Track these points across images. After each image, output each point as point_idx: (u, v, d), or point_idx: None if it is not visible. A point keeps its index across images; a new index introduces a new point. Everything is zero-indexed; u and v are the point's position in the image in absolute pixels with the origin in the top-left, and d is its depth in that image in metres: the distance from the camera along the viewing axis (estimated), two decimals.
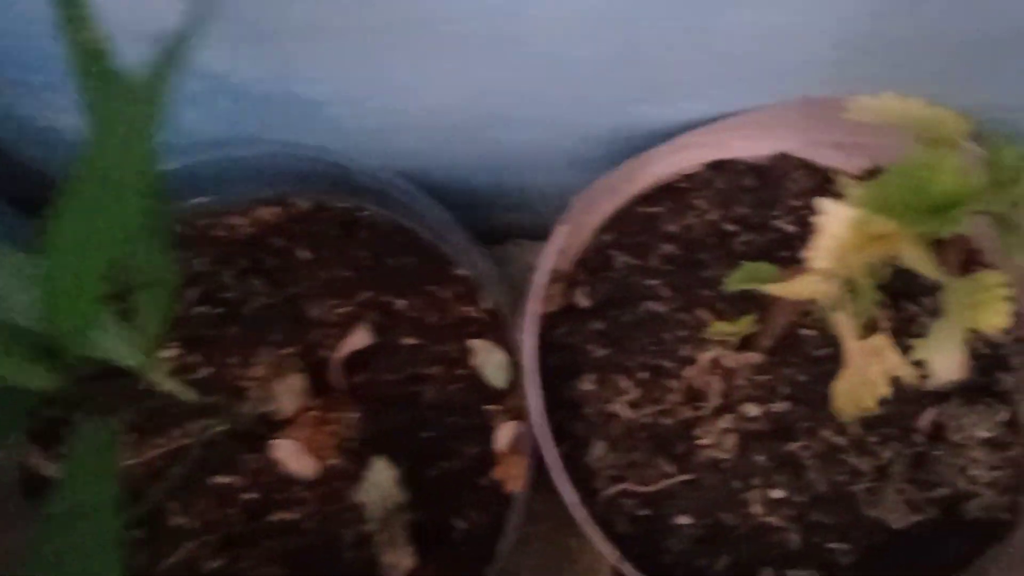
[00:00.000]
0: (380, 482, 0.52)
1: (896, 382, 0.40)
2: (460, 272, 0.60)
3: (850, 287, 0.41)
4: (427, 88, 0.52)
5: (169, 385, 0.46)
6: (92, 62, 0.33)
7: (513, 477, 0.54)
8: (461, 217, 0.59)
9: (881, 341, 0.41)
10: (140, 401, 0.53)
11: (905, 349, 0.39)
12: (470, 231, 0.58)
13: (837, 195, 0.36)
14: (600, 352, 0.55)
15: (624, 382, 0.54)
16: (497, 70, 0.51)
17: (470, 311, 0.59)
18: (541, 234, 0.56)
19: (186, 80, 0.51)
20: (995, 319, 0.36)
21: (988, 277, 0.36)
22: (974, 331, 0.36)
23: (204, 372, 0.56)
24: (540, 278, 0.52)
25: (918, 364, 0.39)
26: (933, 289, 0.51)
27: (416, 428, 0.56)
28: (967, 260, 0.57)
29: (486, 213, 0.71)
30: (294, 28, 0.46)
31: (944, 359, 0.37)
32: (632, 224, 0.59)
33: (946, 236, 0.35)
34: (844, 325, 0.41)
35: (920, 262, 0.37)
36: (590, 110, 0.57)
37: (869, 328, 0.42)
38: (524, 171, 0.65)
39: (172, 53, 0.32)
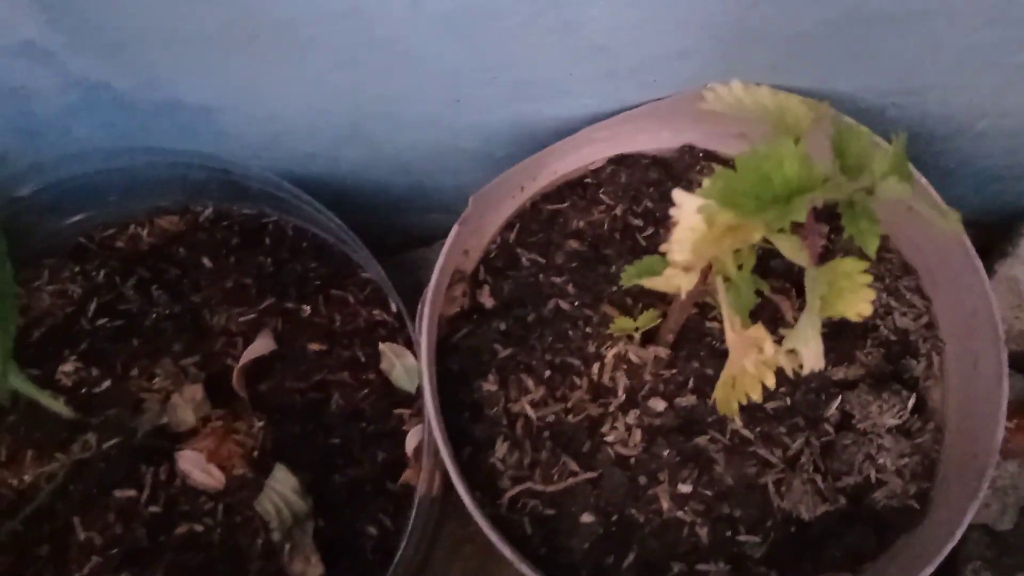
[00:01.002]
0: (282, 491, 0.52)
1: (800, 372, 0.40)
2: (366, 276, 0.60)
3: (726, 278, 0.40)
4: (302, 92, 0.51)
5: (46, 400, 0.45)
6: None
7: (423, 478, 0.54)
8: (382, 221, 0.59)
9: (759, 332, 0.40)
10: (32, 418, 0.52)
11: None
12: (394, 234, 0.58)
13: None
14: (504, 352, 0.54)
15: (528, 381, 0.53)
16: (369, 71, 0.50)
17: (378, 315, 0.59)
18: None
19: (66, 89, 0.50)
20: (858, 307, 0.35)
21: (847, 264, 0.35)
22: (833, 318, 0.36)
23: (104, 385, 0.55)
24: (437, 278, 0.51)
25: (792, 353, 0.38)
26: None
27: (324, 435, 0.55)
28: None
29: (405, 216, 0.70)
30: (161, 36, 0.45)
31: (809, 349, 0.36)
32: (536, 221, 0.58)
33: (802, 222, 0.35)
34: (726, 317, 0.41)
35: (784, 249, 0.36)
36: (478, 109, 0.56)
37: (747, 322, 0.41)
38: (433, 172, 0.64)
39: None
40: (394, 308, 0.58)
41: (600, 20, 0.46)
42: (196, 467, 0.54)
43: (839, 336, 0.54)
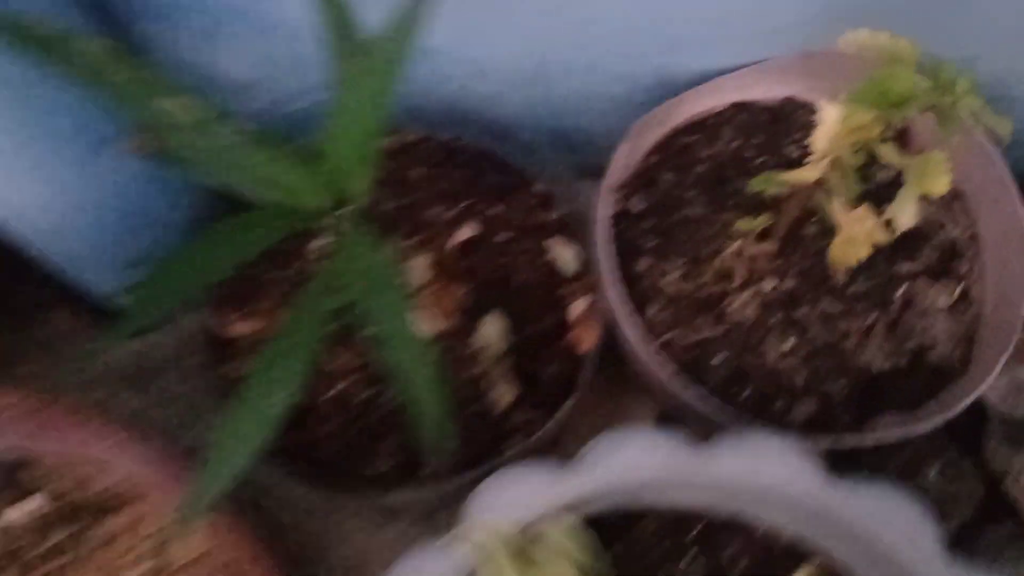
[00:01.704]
0: (491, 333, 0.70)
1: (877, 265, 0.57)
2: (539, 188, 0.78)
3: (840, 171, 0.58)
4: (505, 38, 0.69)
5: None
6: (341, 27, 0.51)
7: (585, 339, 0.72)
8: (529, 154, 0.76)
9: (864, 211, 0.58)
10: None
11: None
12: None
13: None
14: (651, 243, 0.72)
15: (670, 265, 0.71)
16: (557, 26, 0.68)
17: (547, 217, 0.77)
18: (595, 172, 0.74)
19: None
20: (940, 185, 0.53)
21: (935, 155, 0.53)
22: (925, 196, 0.54)
23: None
24: (610, 180, 0.69)
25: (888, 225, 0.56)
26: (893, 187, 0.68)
27: (510, 301, 0.73)
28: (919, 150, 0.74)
29: (551, 153, 0.88)
30: None
31: (905, 214, 0.54)
32: (673, 150, 0.76)
33: (903, 127, 0.52)
34: (836, 201, 0.59)
35: (886, 150, 0.54)
36: (637, 61, 0.74)
37: (854, 206, 0.59)
38: (581, 114, 0.82)
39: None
40: (556, 215, 0.76)
41: None
42: (421, 316, 0.71)
43: (906, 241, 0.72)
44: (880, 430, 0.66)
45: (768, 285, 0.70)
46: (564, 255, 0.75)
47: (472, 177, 0.77)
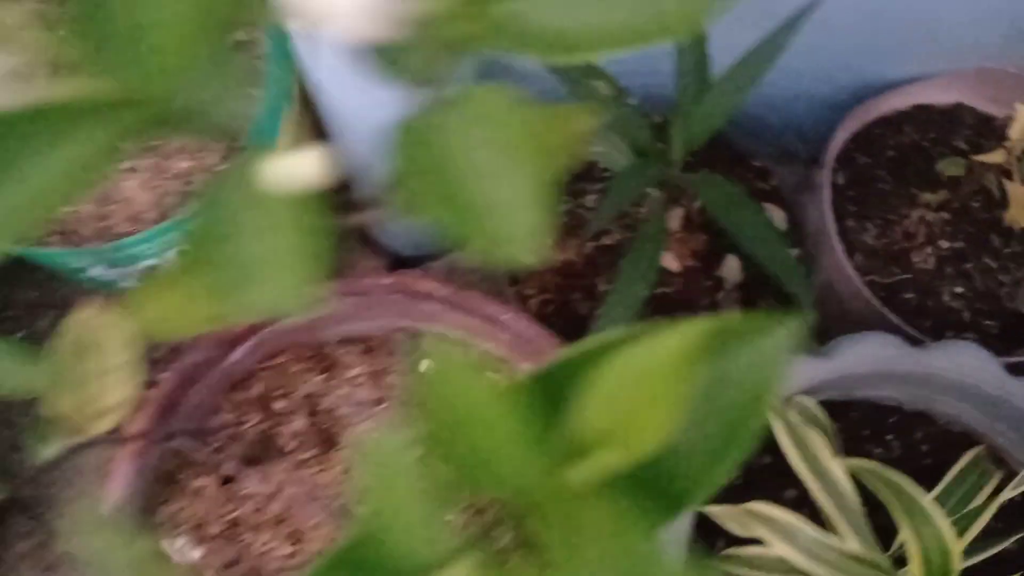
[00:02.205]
0: (732, 267, 0.92)
1: None
2: (756, 163, 1.00)
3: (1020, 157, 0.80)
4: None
5: None
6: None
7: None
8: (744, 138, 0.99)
9: None
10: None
11: None
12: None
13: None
14: (852, 209, 0.94)
15: (868, 225, 0.93)
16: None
17: (764, 186, 0.99)
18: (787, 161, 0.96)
19: None
20: None
21: None
22: None
23: None
24: (828, 156, 0.92)
25: None
26: None
27: (739, 248, 0.95)
28: None
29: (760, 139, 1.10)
30: None
31: None
32: (866, 139, 0.98)
33: None
34: (1015, 179, 0.81)
35: None
36: (841, 68, 0.96)
37: None
38: (787, 110, 1.04)
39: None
40: (770, 185, 0.99)
41: (959, 15, 0.86)
42: (667, 257, 0.94)
43: None
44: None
45: (944, 244, 0.92)
46: (776, 216, 0.98)
47: (695, 158, 1.00)
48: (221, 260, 0.22)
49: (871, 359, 0.77)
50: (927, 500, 0.68)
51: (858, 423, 0.86)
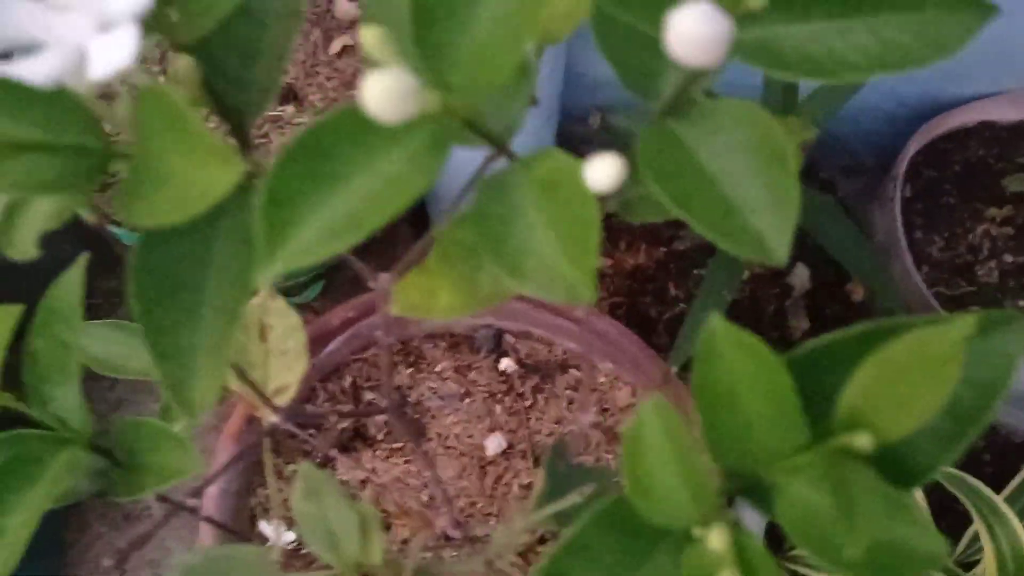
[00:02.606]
0: (801, 275, 0.95)
1: None
2: (823, 175, 1.03)
3: None
4: None
5: None
6: None
7: (857, 291, 0.97)
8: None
9: None
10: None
11: None
12: None
13: None
14: (919, 221, 0.97)
15: (935, 238, 0.96)
16: None
17: (828, 197, 1.02)
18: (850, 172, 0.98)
19: None
20: None
21: None
22: None
23: None
24: (898, 169, 0.94)
25: None
26: None
27: (807, 257, 0.98)
28: None
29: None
30: None
31: None
32: (933, 153, 1.01)
33: None
34: None
35: None
36: (910, 85, 0.99)
37: None
38: (853, 123, 1.07)
39: None
40: (839, 196, 1.01)
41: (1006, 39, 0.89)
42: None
43: None
44: None
45: (1008, 259, 0.95)
46: None
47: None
48: (498, 251, 0.25)
49: None
50: (1001, 502, 0.71)
51: None
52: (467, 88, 0.23)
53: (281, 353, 0.44)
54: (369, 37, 0.22)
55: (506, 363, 0.85)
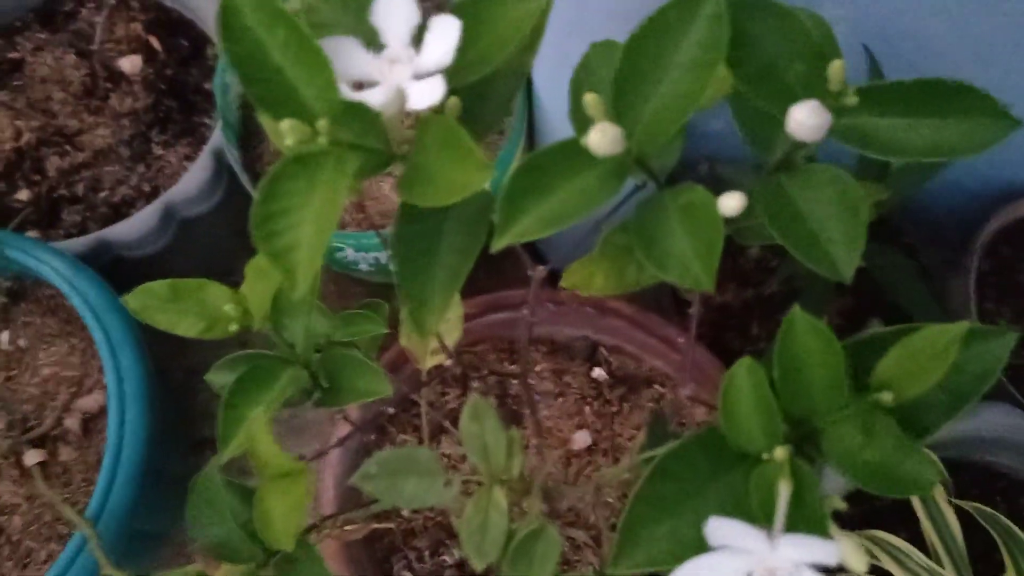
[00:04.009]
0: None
1: None
2: (906, 239, 1.11)
3: None
4: None
5: None
6: None
7: None
8: None
9: None
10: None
11: None
12: None
13: None
14: (991, 293, 1.05)
15: (1004, 310, 1.04)
16: None
17: (910, 261, 1.10)
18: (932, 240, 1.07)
19: None
20: None
21: None
22: None
23: None
24: (977, 243, 1.03)
25: None
26: None
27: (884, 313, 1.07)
28: None
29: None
30: None
31: None
32: (1013, 233, 1.08)
33: None
34: None
35: None
36: (994, 167, 1.07)
37: None
38: (938, 195, 1.15)
39: None
40: (918, 260, 1.10)
41: None
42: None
43: None
44: None
45: None
46: None
47: None
48: (649, 250, 0.37)
49: (993, 426, 0.88)
50: None
51: (968, 483, 0.96)
52: (645, 142, 0.34)
53: (443, 322, 0.56)
54: (590, 100, 0.34)
55: (598, 372, 0.96)
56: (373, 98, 0.34)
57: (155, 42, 1.16)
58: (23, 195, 1.08)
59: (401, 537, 0.89)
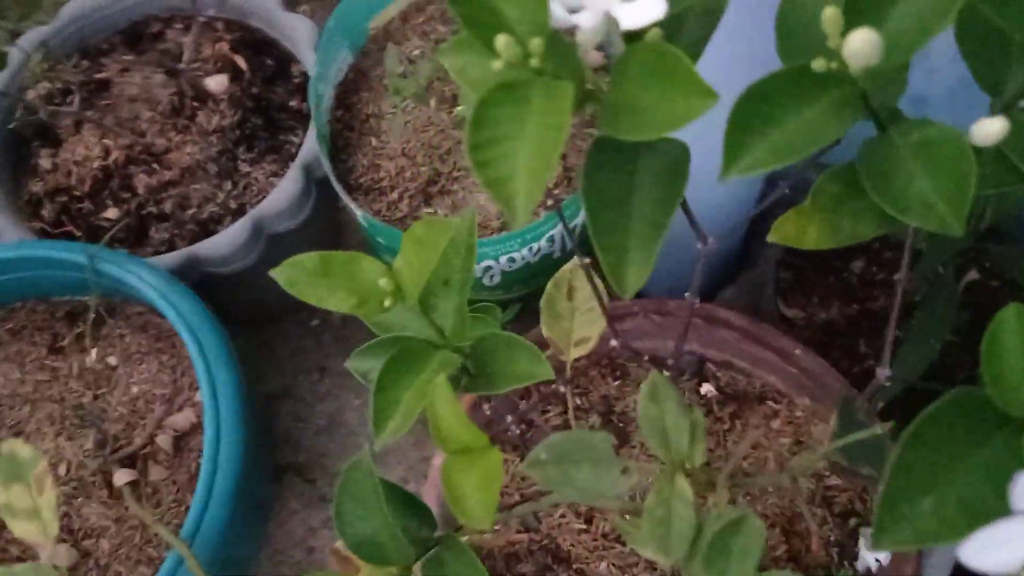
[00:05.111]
0: None
1: None
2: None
3: None
4: None
5: None
6: None
7: None
8: None
9: None
10: None
11: None
12: None
13: None
14: None
15: None
16: None
17: None
18: None
19: None
20: None
21: None
22: None
23: None
24: None
25: None
26: None
27: None
28: None
29: None
30: None
31: None
32: None
33: None
34: None
35: None
36: None
37: None
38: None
39: None
40: None
41: None
42: None
43: None
44: None
45: None
46: None
47: None
48: (883, 193, 0.33)
49: None
50: None
51: None
52: (878, 69, 0.31)
53: (585, 311, 0.53)
54: (829, 15, 0.30)
55: (707, 388, 0.91)
56: (583, 20, 0.31)
57: (241, 61, 1.15)
58: (111, 213, 1.07)
59: (503, 562, 0.85)
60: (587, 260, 0.51)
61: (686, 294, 0.48)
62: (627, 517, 0.52)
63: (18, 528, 0.54)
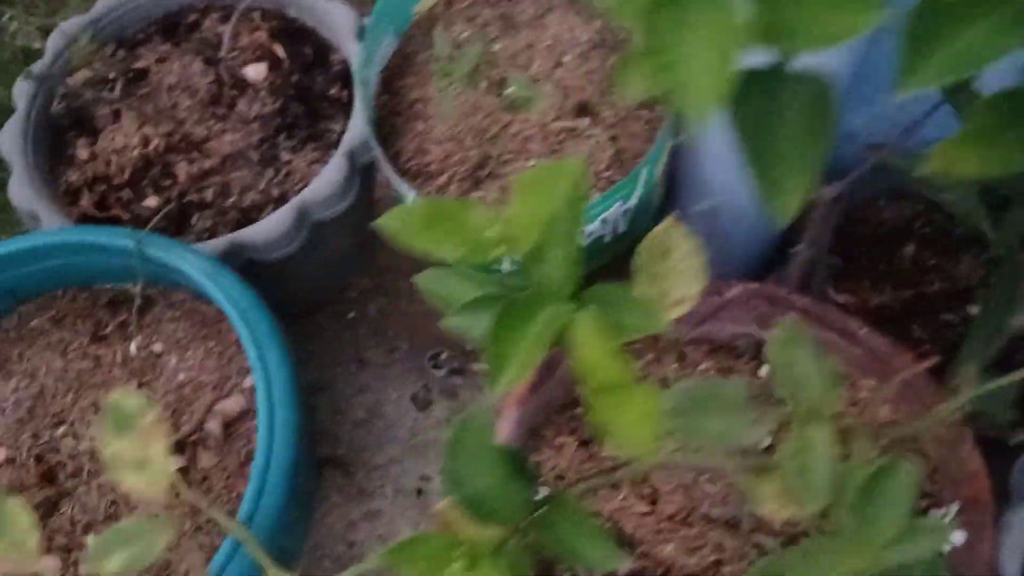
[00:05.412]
0: None
1: None
2: None
3: None
4: None
5: None
6: None
7: None
8: None
9: None
10: None
11: None
12: None
13: None
14: None
15: None
16: None
17: None
18: None
19: None
20: None
21: None
22: None
23: None
24: None
25: None
26: None
27: None
28: None
29: None
30: None
31: None
32: None
33: None
34: None
35: None
36: None
37: None
38: None
39: None
40: None
41: None
42: None
43: None
44: None
45: None
46: None
47: None
48: None
49: None
50: None
51: None
52: None
53: (681, 271, 0.51)
54: None
55: (765, 370, 0.90)
56: None
57: (280, 50, 1.14)
58: (151, 202, 1.05)
59: None
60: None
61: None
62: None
63: (127, 480, 0.53)
